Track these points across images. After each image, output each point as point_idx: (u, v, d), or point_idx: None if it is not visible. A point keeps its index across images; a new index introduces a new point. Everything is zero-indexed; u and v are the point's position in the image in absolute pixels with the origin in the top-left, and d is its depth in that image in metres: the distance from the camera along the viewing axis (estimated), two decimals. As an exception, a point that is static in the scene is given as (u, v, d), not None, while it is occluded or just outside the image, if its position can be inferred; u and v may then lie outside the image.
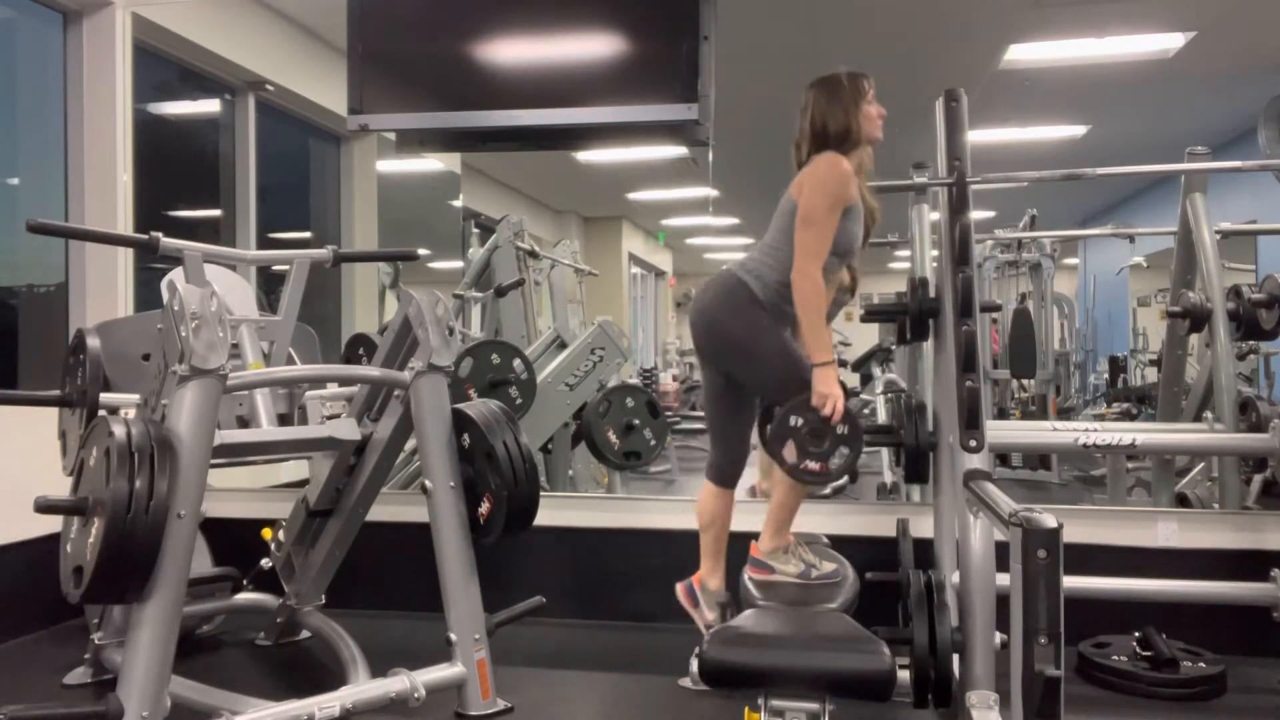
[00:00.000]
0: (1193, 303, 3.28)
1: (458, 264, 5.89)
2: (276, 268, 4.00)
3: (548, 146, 3.42)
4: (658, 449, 4.36)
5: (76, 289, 3.64)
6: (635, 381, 6.41)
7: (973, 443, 2.12)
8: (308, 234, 5.47)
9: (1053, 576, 1.56)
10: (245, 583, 3.06)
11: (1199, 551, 2.94)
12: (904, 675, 1.94)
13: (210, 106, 4.64)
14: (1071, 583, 1.65)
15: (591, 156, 6.80)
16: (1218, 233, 3.30)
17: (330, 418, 2.86)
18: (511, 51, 3.24)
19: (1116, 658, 2.71)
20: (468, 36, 3.22)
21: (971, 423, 2.12)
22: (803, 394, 2.22)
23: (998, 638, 2.00)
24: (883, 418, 5.37)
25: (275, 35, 4.56)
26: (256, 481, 3.68)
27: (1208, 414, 3.20)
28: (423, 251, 5.80)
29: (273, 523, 2.98)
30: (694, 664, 2.55)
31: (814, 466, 2.23)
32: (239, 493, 3.48)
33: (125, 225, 3.59)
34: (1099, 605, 2.81)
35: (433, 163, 6.23)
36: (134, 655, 2.02)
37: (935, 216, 2.85)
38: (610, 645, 3.13)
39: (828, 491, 4.73)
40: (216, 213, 4.63)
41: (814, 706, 1.85)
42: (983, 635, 2.00)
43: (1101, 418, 6.36)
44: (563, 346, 4.58)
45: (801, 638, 2.03)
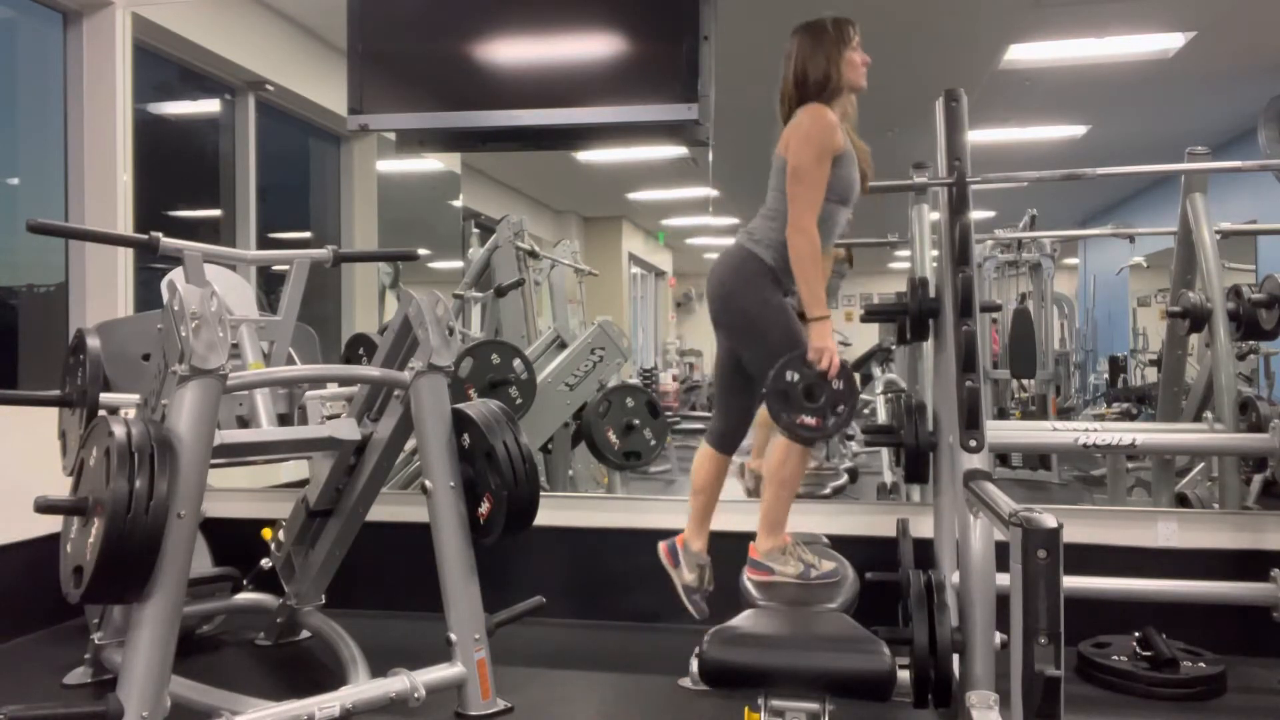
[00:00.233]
0: (1193, 303, 3.28)
1: (458, 264, 5.88)
2: (276, 268, 4.00)
3: (548, 146, 3.42)
4: (658, 449, 4.36)
5: (76, 289, 3.64)
6: (635, 381, 6.41)
7: (973, 443, 2.12)
8: (308, 234, 5.47)
9: (1053, 576, 1.55)
10: (245, 583, 3.06)
11: (1199, 551, 2.94)
12: (904, 675, 1.94)
13: (210, 106, 4.63)
14: (1071, 583, 1.65)
15: (591, 156, 6.79)
16: (1218, 233, 3.30)
17: (330, 418, 2.85)
18: (511, 51, 3.24)
19: (1116, 658, 2.71)
20: (468, 36, 3.22)
21: (971, 423, 2.12)
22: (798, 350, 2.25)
23: (998, 638, 2.00)
24: (883, 418, 5.37)
25: (275, 35, 4.56)
26: (256, 481, 3.68)
27: (1208, 414, 3.20)
28: (423, 251, 5.79)
29: (273, 523, 2.98)
30: (694, 664, 2.55)
31: (810, 421, 2.25)
32: (239, 493, 3.48)
33: (125, 225, 3.59)
34: (1099, 605, 2.81)
35: (433, 163, 6.22)
36: (134, 655, 2.02)
37: (935, 216, 2.85)
38: (610, 645, 3.13)
39: (827, 491, 4.74)
40: (216, 213, 4.63)
41: (814, 706, 1.85)
42: (983, 635, 2.00)
43: (1101, 418, 6.36)
44: (563, 346, 4.58)
45: (801, 638, 2.03)
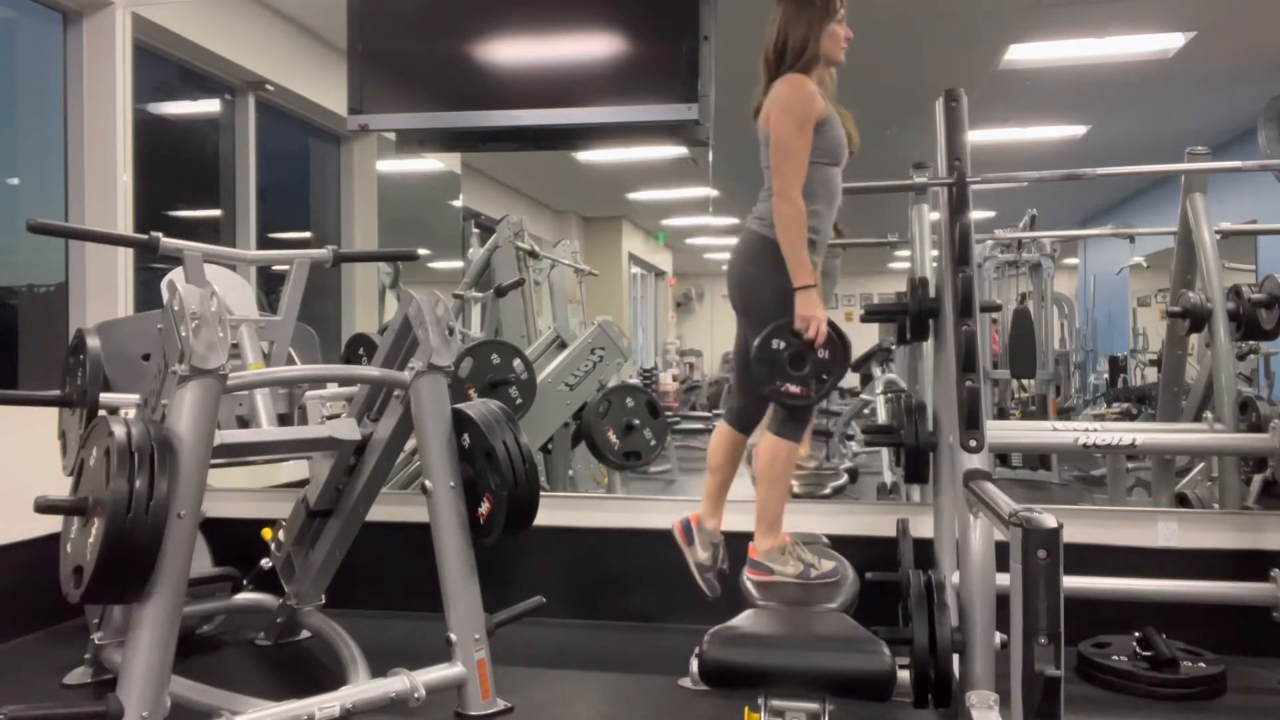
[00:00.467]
0: (1193, 303, 3.27)
1: (458, 264, 5.88)
2: (276, 268, 4.00)
3: (548, 146, 3.42)
4: (658, 449, 4.37)
5: (76, 289, 3.64)
6: (635, 381, 6.41)
7: (973, 443, 2.12)
8: (308, 234, 5.47)
9: (1053, 576, 1.55)
10: (245, 583, 3.06)
11: (1199, 551, 2.94)
12: (904, 675, 1.94)
13: (210, 106, 4.63)
14: (1071, 583, 1.65)
15: (591, 156, 6.79)
16: (1218, 233, 3.30)
17: (330, 418, 2.85)
18: (511, 51, 3.24)
19: (1116, 658, 2.70)
20: (468, 36, 3.22)
21: (971, 423, 2.12)
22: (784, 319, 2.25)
23: (998, 638, 2.00)
24: (883, 418, 5.36)
25: (275, 35, 4.56)
26: (256, 481, 3.68)
27: (1208, 414, 3.20)
28: (423, 251, 5.79)
29: (273, 523, 2.98)
30: (694, 664, 2.55)
31: (795, 390, 2.26)
32: (239, 493, 3.48)
33: (125, 225, 3.59)
34: (1099, 605, 2.80)
35: (433, 163, 6.22)
36: (134, 655, 2.02)
37: (935, 216, 2.85)
38: (610, 645, 3.13)
39: (827, 491, 4.73)
40: (216, 213, 4.63)
41: (814, 706, 1.85)
42: (983, 635, 1.99)
43: (1101, 418, 6.36)
44: (563, 346, 4.58)
45: (801, 638, 2.03)
